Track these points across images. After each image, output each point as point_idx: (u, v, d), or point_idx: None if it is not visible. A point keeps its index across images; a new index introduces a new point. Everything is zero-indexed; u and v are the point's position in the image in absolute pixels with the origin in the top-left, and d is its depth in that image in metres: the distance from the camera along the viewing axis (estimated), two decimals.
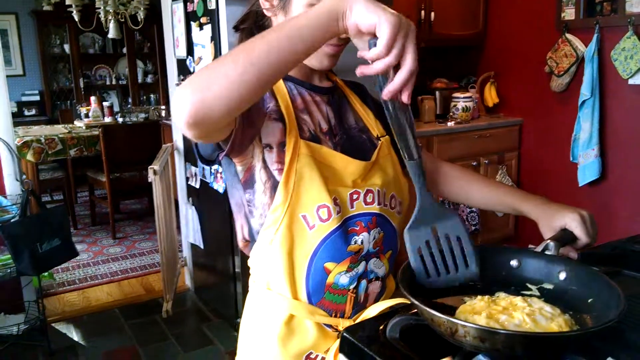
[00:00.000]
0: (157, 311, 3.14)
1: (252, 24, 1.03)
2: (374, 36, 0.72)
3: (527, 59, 3.67)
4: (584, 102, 3.23)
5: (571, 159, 3.39)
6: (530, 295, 0.84)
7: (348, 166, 0.97)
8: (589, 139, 3.24)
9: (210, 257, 3.14)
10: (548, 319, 0.75)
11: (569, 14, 3.35)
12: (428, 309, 0.71)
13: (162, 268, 3.05)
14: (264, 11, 0.98)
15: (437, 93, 3.80)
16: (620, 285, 0.78)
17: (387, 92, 0.74)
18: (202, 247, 3.12)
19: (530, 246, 1.10)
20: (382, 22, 0.70)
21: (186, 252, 3.47)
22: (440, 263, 0.84)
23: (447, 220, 0.83)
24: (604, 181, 3.31)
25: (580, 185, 3.34)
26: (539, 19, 3.54)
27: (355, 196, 0.97)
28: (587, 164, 3.28)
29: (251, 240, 1.01)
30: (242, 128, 0.88)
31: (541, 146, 3.70)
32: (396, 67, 0.73)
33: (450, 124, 3.54)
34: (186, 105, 0.70)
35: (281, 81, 1.01)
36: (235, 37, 1.07)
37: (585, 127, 3.24)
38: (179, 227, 3.51)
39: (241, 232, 1.02)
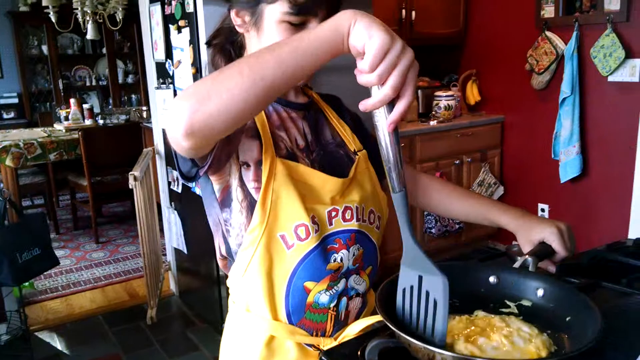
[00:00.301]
0: (141, 317, 3.11)
1: (224, 40, 1.02)
2: None
3: (508, 56, 3.68)
4: (564, 99, 3.25)
5: (553, 156, 3.41)
6: (509, 314, 0.84)
7: (326, 183, 0.96)
8: (570, 136, 3.26)
9: (194, 262, 3.12)
10: (526, 341, 0.75)
11: (548, 11, 3.37)
12: (405, 336, 0.70)
13: (145, 273, 3.03)
14: (236, 27, 0.97)
15: (419, 92, 3.80)
16: (599, 298, 0.78)
17: (360, 105, 0.71)
18: (185, 251, 3.10)
19: (514, 242, 1.10)
20: (372, 37, 0.68)
21: (170, 257, 3.44)
22: (414, 314, 0.76)
23: (433, 276, 0.73)
24: (585, 177, 3.34)
25: (562, 182, 3.37)
26: (519, 16, 3.55)
27: (333, 213, 0.96)
28: (568, 160, 3.30)
29: (229, 258, 0.99)
30: (222, 144, 0.86)
31: (523, 143, 3.72)
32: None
33: (433, 122, 3.54)
34: (184, 116, 0.69)
35: None
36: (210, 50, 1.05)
37: (566, 124, 3.27)
38: (162, 231, 3.48)
39: (219, 251, 1.01)
